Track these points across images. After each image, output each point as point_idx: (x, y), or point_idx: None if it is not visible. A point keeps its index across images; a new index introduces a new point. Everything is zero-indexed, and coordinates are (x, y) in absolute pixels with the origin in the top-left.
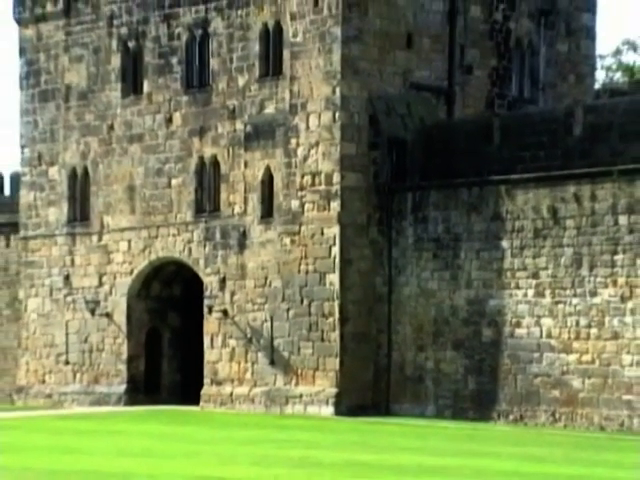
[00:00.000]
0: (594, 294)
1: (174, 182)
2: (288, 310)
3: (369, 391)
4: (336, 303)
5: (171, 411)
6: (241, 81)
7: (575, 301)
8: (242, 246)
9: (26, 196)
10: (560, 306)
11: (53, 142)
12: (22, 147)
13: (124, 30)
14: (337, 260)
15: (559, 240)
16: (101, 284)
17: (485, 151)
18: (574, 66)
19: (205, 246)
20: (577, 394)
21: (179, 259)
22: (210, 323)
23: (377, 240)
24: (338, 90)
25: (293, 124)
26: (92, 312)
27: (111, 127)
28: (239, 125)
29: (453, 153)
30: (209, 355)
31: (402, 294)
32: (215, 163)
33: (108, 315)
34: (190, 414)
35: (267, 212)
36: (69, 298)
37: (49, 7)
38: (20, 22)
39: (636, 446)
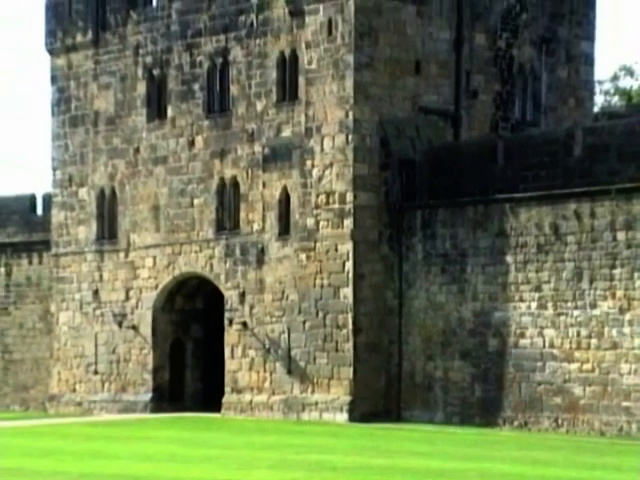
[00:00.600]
0: (594, 306)
1: (196, 202)
2: (304, 322)
3: (381, 399)
4: (349, 315)
5: (194, 418)
6: (259, 106)
7: (576, 313)
8: (260, 262)
9: (57, 215)
10: (562, 317)
11: (83, 164)
12: (53, 169)
13: (149, 59)
14: (350, 275)
15: (560, 255)
16: (128, 298)
17: (490, 171)
18: (574, 91)
19: (226, 262)
20: (578, 401)
21: (201, 274)
22: (231, 335)
23: (388, 256)
24: (351, 114)
25: (308, 146)
26: (119, 325)
27: (137, 150)
28: (257, 148)
29: (460, 173)
30: (230, 365)
31: (412, 307)
32: (235, 183)
33: (134, 327)
34: (212, 421)
35: (284, 229)
36: (98, 312)
37: (79, 38)
38: (52, 52)
39: (634, 450)
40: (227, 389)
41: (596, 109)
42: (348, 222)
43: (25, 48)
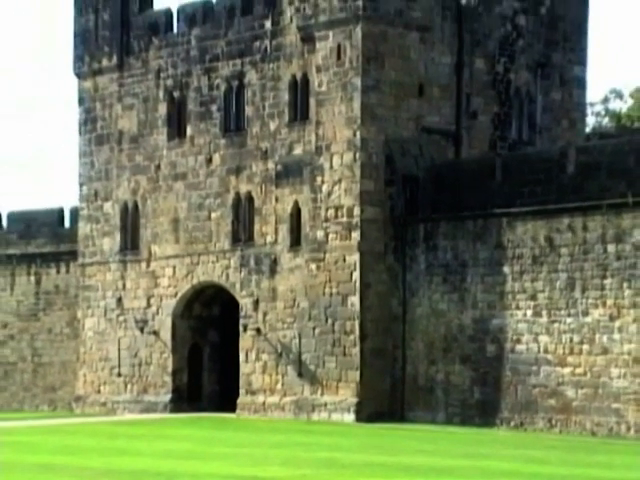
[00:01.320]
0: (586, 314)
1: (213, 215)
2: (314, 328)
3: (386, 400)
4: (357, 322)
5: (211, 418)
6: (272, 126)
7: (569, 320)
8: (273, 271)
9: (84, 228)
10: (556, 325)
11: (107, 180)
12: (80, 185)
13: (170, 82)
14: (357, 284)
15: (554, 266)
16: (149, 305)
17: (488, 187)
18: (567, 112)
19: (241, 271)
20: (571, 403)
21: (218, 283)
22: (245, 340)
23: (393, 266)
24: (358, 133)
25: (318, 164)
26: (141, 330)
27: (158, 167)
28: (271, 165)
29: (460, 189)
30: (244, 368)
31: (415, 314)
32: (250, 198)
33: (155, 333)
34: (227, 420)
35: (295, 241)
36: (121, 318)
37: (105, 62)
38: (79, 75)
39: (624, 449)
40: (242, 391)
41: (588, 129)
42: (355, 234)
43: (55, 72)
